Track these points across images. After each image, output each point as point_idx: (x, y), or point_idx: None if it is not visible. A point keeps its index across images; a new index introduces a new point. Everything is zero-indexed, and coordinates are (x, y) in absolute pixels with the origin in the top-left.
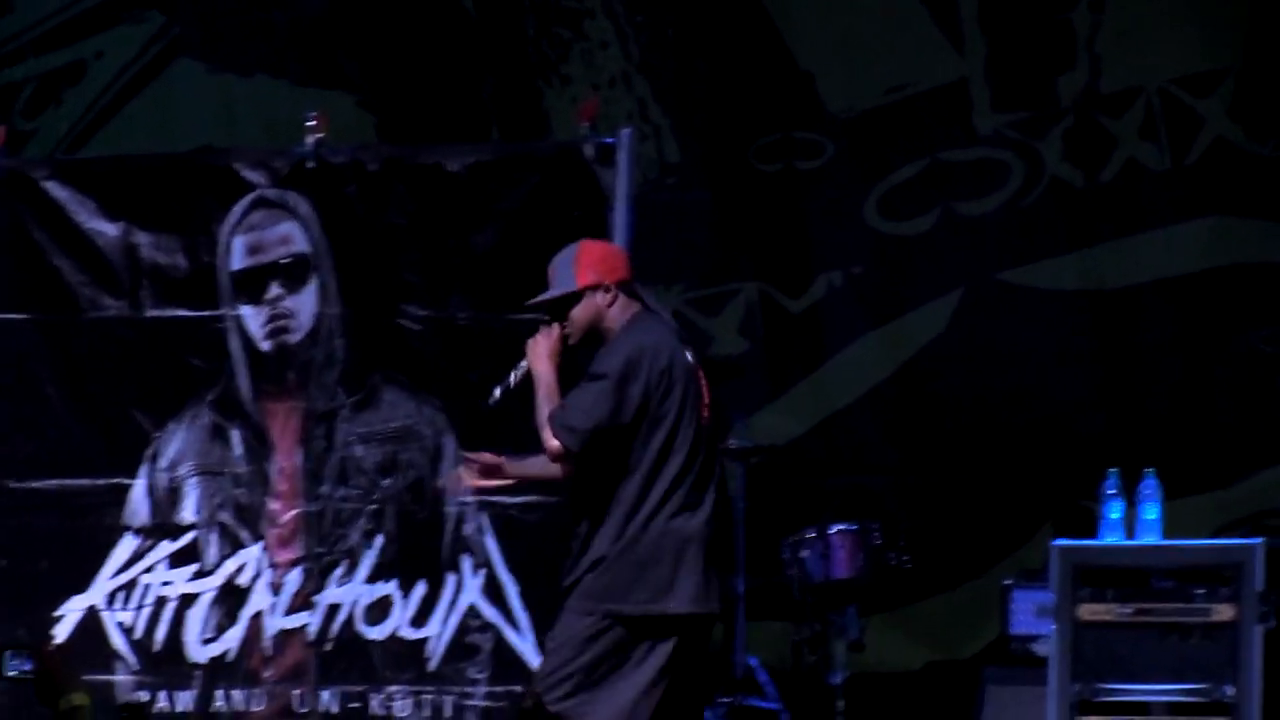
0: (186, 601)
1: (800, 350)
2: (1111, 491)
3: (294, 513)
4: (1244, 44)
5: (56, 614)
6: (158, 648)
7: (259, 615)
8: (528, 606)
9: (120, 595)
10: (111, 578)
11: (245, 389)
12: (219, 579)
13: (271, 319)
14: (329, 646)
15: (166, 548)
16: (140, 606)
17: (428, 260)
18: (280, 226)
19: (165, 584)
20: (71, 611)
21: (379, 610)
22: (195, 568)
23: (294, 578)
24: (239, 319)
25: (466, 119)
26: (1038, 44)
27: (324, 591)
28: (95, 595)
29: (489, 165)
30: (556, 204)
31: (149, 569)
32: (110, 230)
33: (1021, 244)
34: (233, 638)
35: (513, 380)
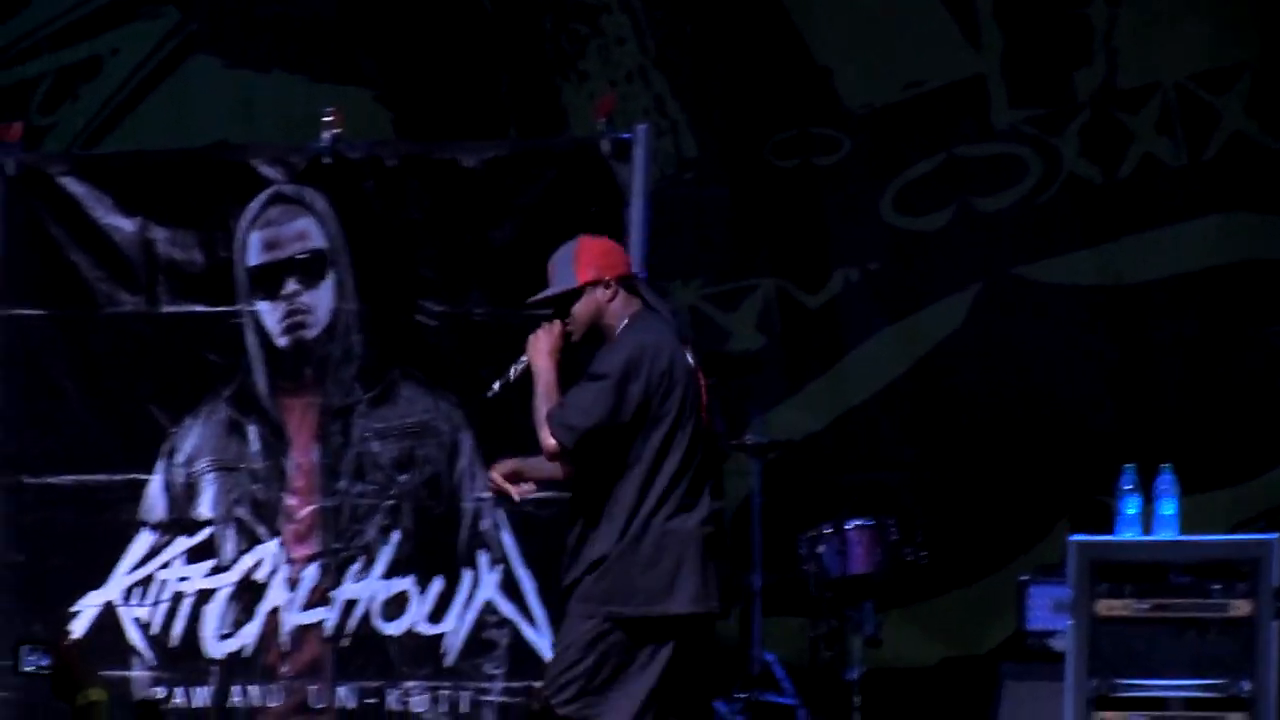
0: (203, 597)
1: (817, 346)
2: (1128, 487)
3: (311, 508)
4: (1261, 40)
5: (73, 609)
6: (174, 643)
7: (276, 611)
8: (545, 602)
9: (137, 591)
10: (128, 573)
11: (262, 385)
12: (236, 574)
13: (288, 314)
14: (346, 642)
15: (183, 543)
16: (157, 602)
17: (445, 256)
18: (297, 222)
19: (182, 579)
20: (88, 607)
21: (396, 606)
22: (212, 563)
23: (311, 573)
24: (256, 314)
25: (484, 115)
26: (1055, 40)
27: (341, 587)
28: (112, 591)
29: (506, 161)
30: (573, 199)
31: (166, 565)
32: (127, 226)
33: (1038, 240)
34: (249, 633)
35: (512, 374)
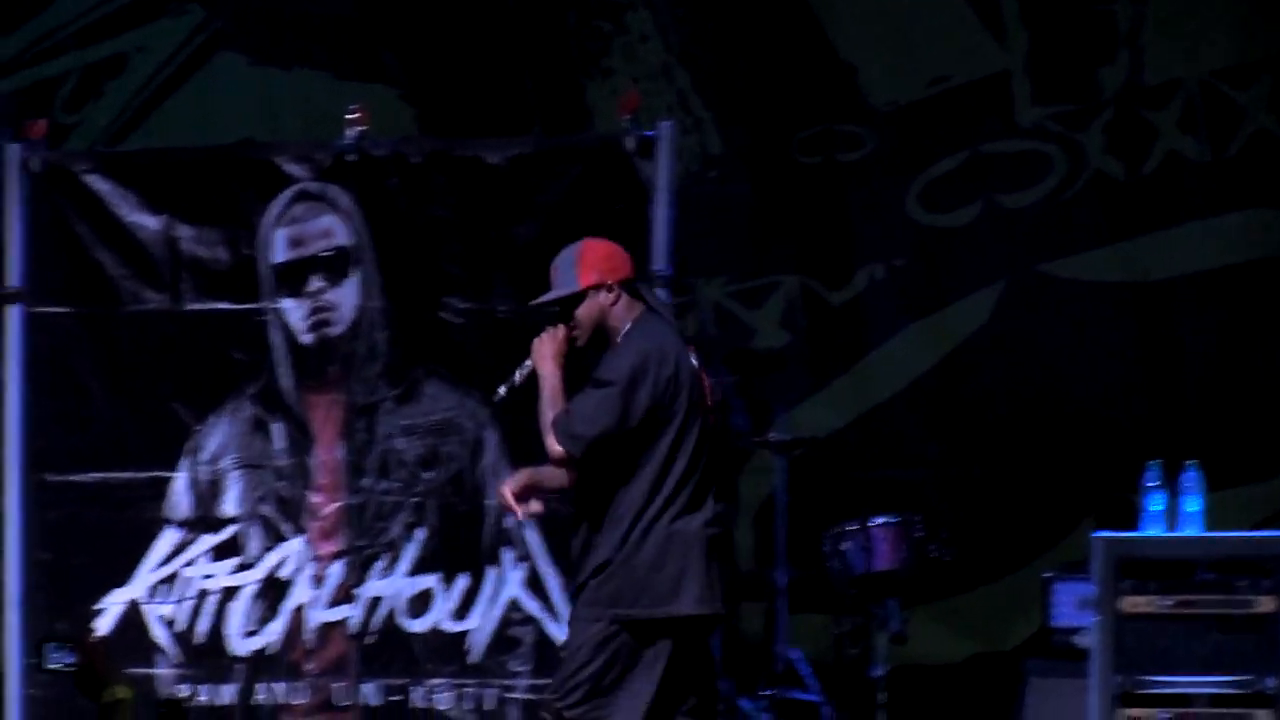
0: (228, 594)
1: (842, 343)
2: (1153, 483)
3: (335, 506)
4: None
5: (98, 607)
6: (199, 641)
7: (300, 608)
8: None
9: (162, 588)
10: (153, 571)
11: (287, 382)
12: (260, 572)
13: (313, 312)
14: (371, 639)
15: (208, 541)
16: (182, 600)
17: (469, 253)
18: (322, 219)
19: (207, 577)
20: (113, 605)
21: (421, 603)
22: (237, 561)
23: (335, 571)
24: (280, 312)
25: (508, 112)
26: (1079, 36)
27: (365, 584)
28: (137, 589)
29: (530, 158)
30: (598, 197)
31: (190, 562)
32: (152, 223)
33: (1063, 236)
34: (274, 631)
35: (518, 378)
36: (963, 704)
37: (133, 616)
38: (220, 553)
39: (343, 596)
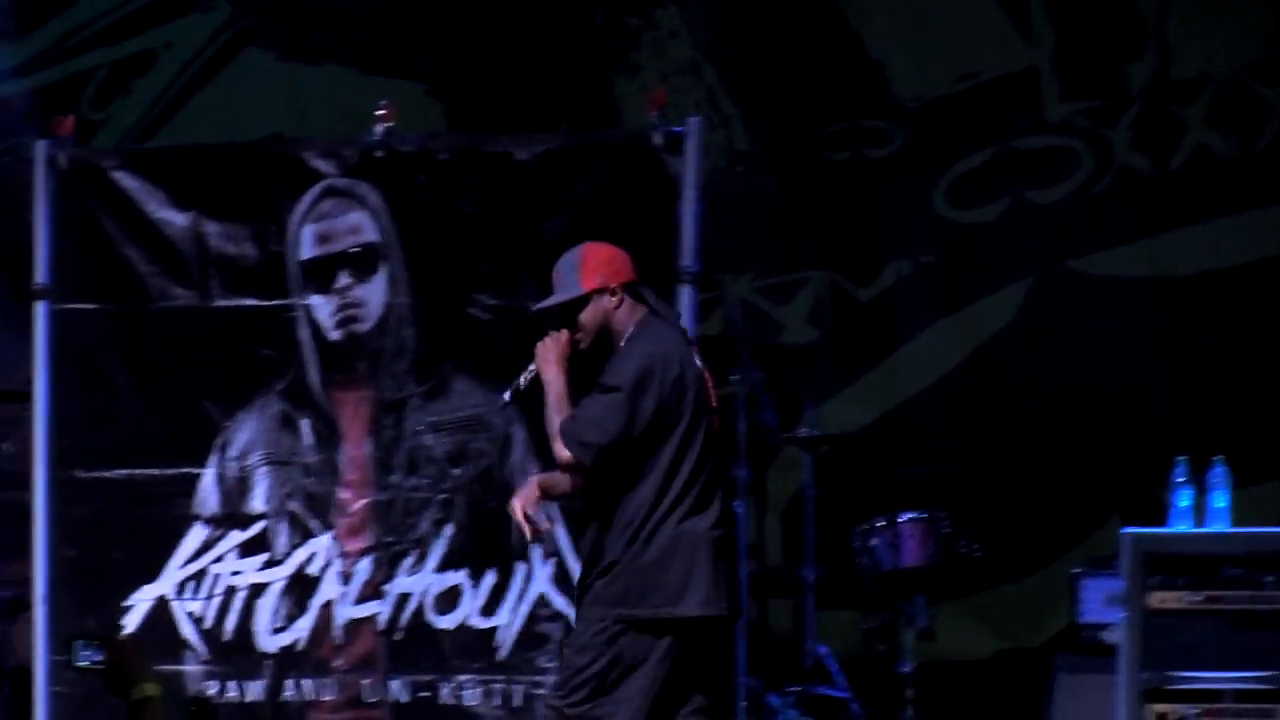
0: (256, 591)
1: (869, 339)
2: (1181, 479)
3: (364, 502)
4: None
5: (126, 604)
6: (228, 637)
7: (329, 604)
8: None
9: (190, 585)
10: (181, 567)
11: (315, 378)
12: (289, 568)
13: (341, 308)
14: (399, 636)
15: (236, 537)
16: (210, 596)
17: (497, 249)
18: (349, 216)
19: (235, 573)
20: (141, 601)
21: (449, 599)
22: (265, 557)
23: (364, 567)
24: (308, 308)
25: (536, 108)
26: (1106, 32)
27: (394, 581)
28: (165, 585)
29: (558, 154)
30: (626, 193)
31: (219, 558)
32: (179, 220)
33: (1090, 232)
34: (302, 627)
35: (522, 382)
36: (991, 700)
37: (161, 613)
38: (248, 549)
39: (371, 593)
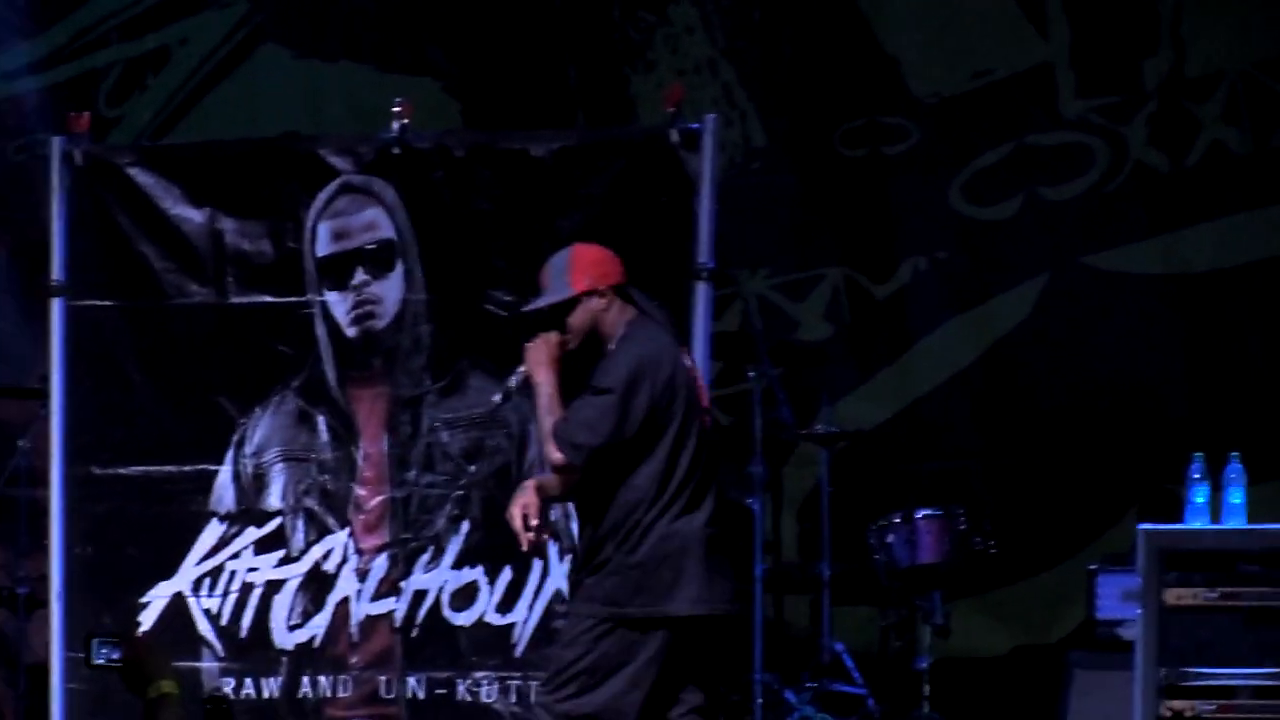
0: (272, 588)
1: (885, 335)
2: (1197, 475)
3: (380, 499)
4: None
5: (142, 600)
6: (244, 634)
7: (345, 601)
8: None
9: (206, 582)
10: (197, 564)
11: (331, 375)
12: (305, 565)
13: (357, 305)
14: (415, 632)
15: (252, 534)
16: (226, 593)
17: (513, 246)
18: (366, 212)
19: (251, 570)
20: (157, 598)
21: (465, 596)
22: (281, 554)
23: (380, 564)
24: (324, 305)
25: (552, 104)
26: (1122, 29)
27: (410, 577)
28: (181, 582)
29: (575, 151)
30: (642, 189)
31: (235, 555)
32: (195, 216)
33: (1106, 228)
34: (319, 624)
35: (513, 384)
36: (1007, 696)
37: (177, 610)
38: (264, 546)
39: (387, 590)
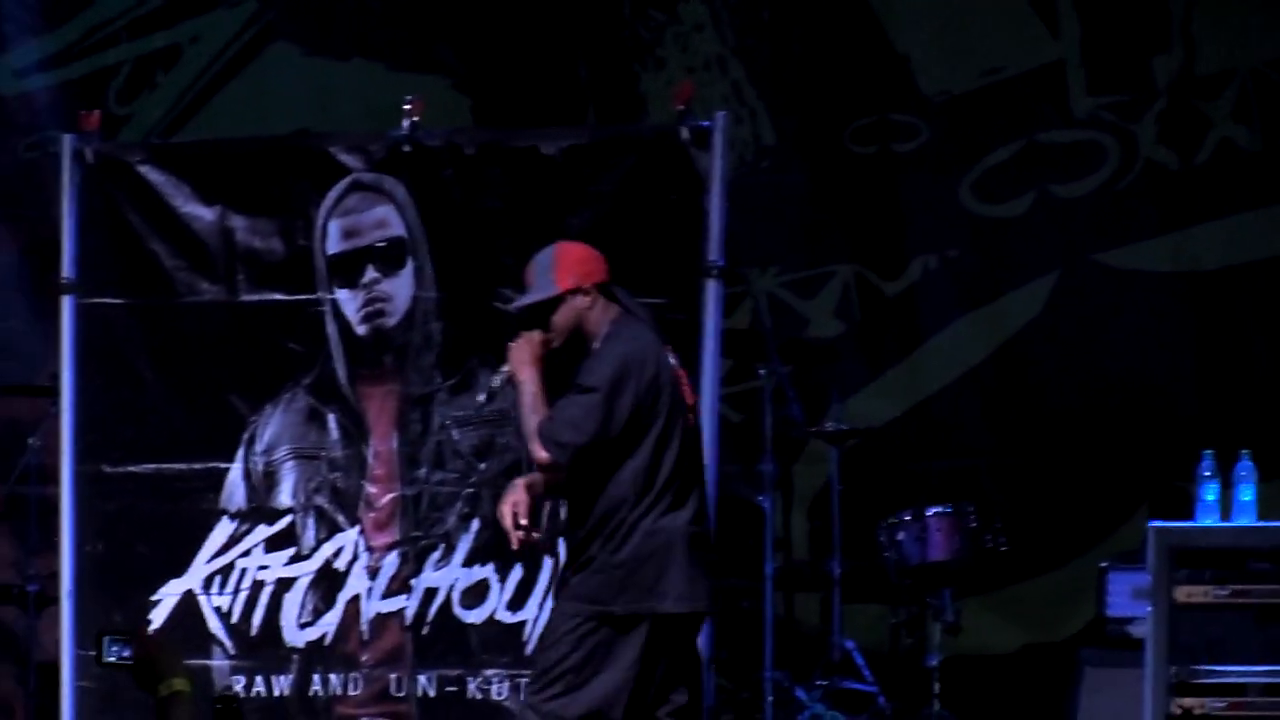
0: (283, 585)
1: (896, 333)
2: (1207, 473)
3: (391, 496)
4: None
5: (153, 598)
6: (254, 632)
7: (356, 599)
8: None
9: (217, 579)
10: (208, 562)
11: (341, 373)
12: (316, 563)
13: (368, 303)
14: (426, 630)
15: (263, 532)
16: (237, 590)
17: (524, 243)
18: (376, 210)
19: (262, 568)
20: (168, 596)
21: (476, 594)
22: (292, 552)
23: (391, 561)
24: (335, 303)
25: (562, 102)
26: (1132, 26)
27: (421, 575)
28: (192, 579)
29: (585, 148)
30: (652, 187)
31: (246, 553)
32: (206, 214)
33: (1117, 226)
34: (329, 622)
35: (497, 383)
36: (1017, 694)
37: (188, 607)
38: (275, 544)
39: (398, 587)
